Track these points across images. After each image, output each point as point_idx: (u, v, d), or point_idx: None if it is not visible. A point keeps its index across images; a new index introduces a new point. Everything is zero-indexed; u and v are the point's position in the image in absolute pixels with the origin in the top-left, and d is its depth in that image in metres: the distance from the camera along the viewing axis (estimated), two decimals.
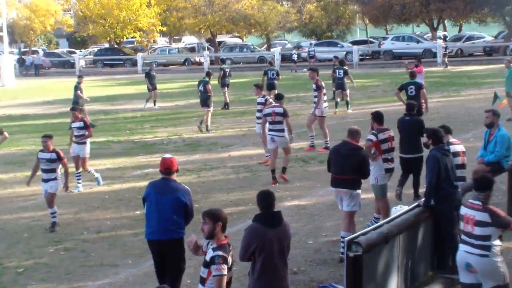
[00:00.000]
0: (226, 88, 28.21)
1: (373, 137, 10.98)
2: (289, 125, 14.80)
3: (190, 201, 8.26)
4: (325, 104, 18.05)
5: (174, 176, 8.37)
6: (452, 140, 10.30)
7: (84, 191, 14.88)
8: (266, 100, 16.54)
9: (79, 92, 24.40)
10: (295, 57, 48.06)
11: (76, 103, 22.94)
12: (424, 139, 9.40)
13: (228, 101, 27.94)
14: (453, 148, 10.12)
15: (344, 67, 25.30)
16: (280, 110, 14.68)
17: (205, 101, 22.27)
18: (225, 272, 6.21)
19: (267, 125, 14.78)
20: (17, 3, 73.37)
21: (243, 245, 6.78)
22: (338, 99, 25.14)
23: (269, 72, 27.00)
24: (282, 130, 14.67)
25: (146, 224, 8.35)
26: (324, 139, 18.08)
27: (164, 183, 8.30)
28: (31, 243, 11.50)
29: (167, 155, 8.64)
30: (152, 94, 29.18)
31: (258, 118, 16.68)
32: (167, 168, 8.32)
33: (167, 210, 8.08)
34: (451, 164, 9.16)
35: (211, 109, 22.57)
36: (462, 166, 10.30)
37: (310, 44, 52.77)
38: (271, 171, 14.77)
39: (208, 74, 23.29)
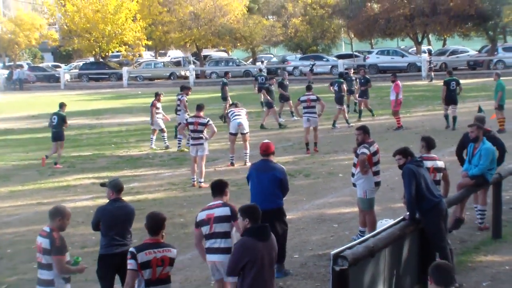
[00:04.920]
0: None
1: (366, 150, 10.89)
2: (323, 106, 19.67)
3: (285, 178, 9.82)
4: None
5: (272, 157, 9.94)
6: (432, 155, 10.24)
7: (68, 205, 14.73)
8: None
9: (226, 88, 28.16)
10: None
11: (225, 99, 27.72)
12: (400, 161, 9.29)
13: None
14: (432, 163, 10.07)
15: (367, 76, 26.80)
16: (313, 97, 19.37)
17: (339, 99, 24.56)
18: (132, 267, 6.72)
19: (301, 108, 19.53)
20: (2, 17, 73.12)
21: (234, 259, 6.79)
22: (362, 107, 26.44)
23: (259, 77, 32.22)
24: (315, 113, 19.35)
25: (251, 198, 9.78)
26: None
27: (263, 163, 9.91)
28: (15, 258, 11.39)
29: (266, 140, 10.34)
30: (284, 105, 27.50)
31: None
32: (264, 150, 9.94)
33: (266, 185, 9.63)
34: (427, 174, 9.15)
35: (344, 107, 24.90)
36: (438, 182, 10.23)
37: (311, 58, 53.67)
38: (306, 144, 19.45)
39: (341, 75, 27.16)
